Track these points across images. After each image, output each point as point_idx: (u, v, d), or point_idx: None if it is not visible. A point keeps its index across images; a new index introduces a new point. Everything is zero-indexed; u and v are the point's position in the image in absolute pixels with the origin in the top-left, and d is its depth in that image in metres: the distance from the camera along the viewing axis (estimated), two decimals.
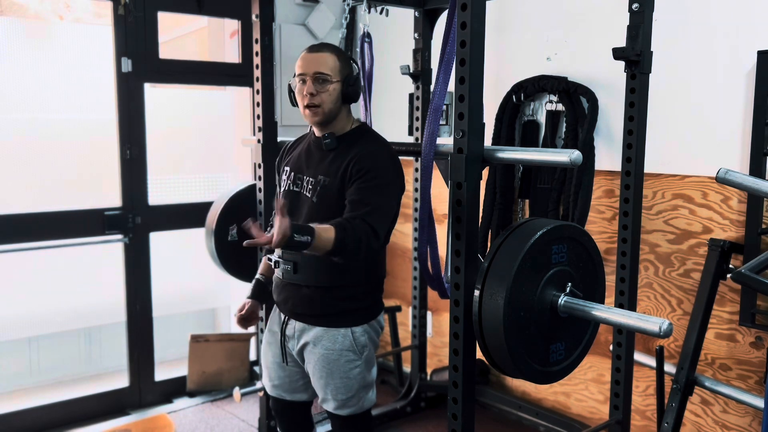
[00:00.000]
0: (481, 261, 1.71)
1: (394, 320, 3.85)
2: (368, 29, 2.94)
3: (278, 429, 2.44)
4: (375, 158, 2.07)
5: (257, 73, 2.91)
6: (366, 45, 2.96)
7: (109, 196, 3.47)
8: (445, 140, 2.97)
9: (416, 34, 3.32)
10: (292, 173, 2.22)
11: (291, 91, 2.19)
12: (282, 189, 2.26)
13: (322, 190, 2.11)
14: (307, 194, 2.14)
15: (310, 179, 2.15)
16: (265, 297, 2.38)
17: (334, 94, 2.09)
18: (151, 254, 3.58)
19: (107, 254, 3.54)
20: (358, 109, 3.02)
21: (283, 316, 2.26)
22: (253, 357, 3.84)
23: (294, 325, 2.21)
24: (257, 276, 2.39)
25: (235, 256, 3.01)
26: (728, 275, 2.48)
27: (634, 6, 2.40)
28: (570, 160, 1.68)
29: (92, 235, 3.41)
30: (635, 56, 2.41)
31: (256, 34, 2.90)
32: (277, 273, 2.22)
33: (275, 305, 2.31)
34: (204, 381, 3.72)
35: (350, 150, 2.11)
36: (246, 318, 2.32)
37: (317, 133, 2.20)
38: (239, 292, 2.41)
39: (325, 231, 1.84)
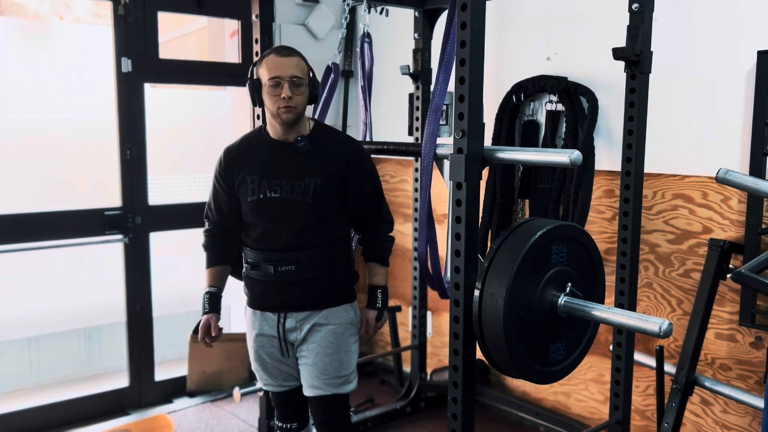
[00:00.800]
0: (481, 261, 1.71)
1: (394, 320, 3.85)
2: (368, 29, 2.95)
3: (279, 421, 2.44)
4: (364, 157, 2.29)
5: None
6: (366, 45, 2.96)
7: (109, 196, 3.47)
8: (445, 140, 2.98)
9: (416, 34, 3.31)
10: (264, 180, 2.19)
11: (255, 91, 2.18)
12: (253, 197, 2.20)
13: (317, 192, 2.16)
14: (297, 198, 2.16)
15: (298, 182, 2.16)
16: (220, 307, 2.34)
17: (306, 96, 2.18)
18: (151, 254, 3.58)
19: (107, 254, 3.53)
20: (358, 109, 3.04)
21: (276, 315, 2.27)
22: None
23: (295, 316, 2.25)
24: (209, 289, 2.32)
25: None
26: (728, 275, 2.48)
27: (634, 6, 2.40)
28: (570, 160, 1.68)
29: (92, 235, 3.41)
30: (635, 56, 2.41)
31: (256, 34, 2.90)
32: (270, 277, 2.22)
33: (255, 309, 2.31)
34: (204, 381, 3.72)
35: (326, 148, 2.21)
36: (217, 336, 2.29)
37: (279, 135, 2.21)
38: (239, 292, 2.40)
39: (380, 274, 2.34)
